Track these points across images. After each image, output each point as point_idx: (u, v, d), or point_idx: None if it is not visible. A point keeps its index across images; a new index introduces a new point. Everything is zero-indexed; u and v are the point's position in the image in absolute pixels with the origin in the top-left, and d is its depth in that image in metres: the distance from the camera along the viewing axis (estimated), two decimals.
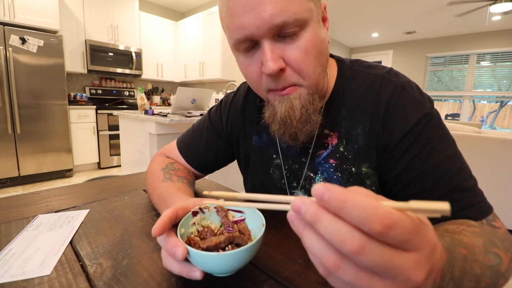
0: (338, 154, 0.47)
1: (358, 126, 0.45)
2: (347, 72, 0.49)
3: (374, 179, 0.45)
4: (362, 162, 0.45)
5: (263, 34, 0.37)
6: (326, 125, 0.48)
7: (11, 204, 0.56)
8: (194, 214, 0.37)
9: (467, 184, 0.40)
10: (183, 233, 0.34)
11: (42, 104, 2.83)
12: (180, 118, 1.72)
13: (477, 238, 0.31)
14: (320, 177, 0.49)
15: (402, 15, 4.37)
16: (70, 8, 3.24)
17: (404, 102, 0.43)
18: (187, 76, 4.29)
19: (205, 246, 0.31)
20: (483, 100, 5.40)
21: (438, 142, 0.41)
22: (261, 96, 0.46)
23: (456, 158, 0.41)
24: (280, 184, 0.55)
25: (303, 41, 0.38)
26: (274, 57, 0.37)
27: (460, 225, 0.34)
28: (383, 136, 0.43)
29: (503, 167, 1.93)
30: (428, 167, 0.40)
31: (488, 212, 0.39)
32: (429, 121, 0.41)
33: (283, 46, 0.38)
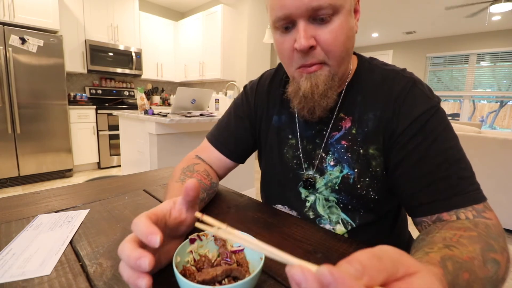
0: (350, 136, 0.51)
1: (370, 111, 0.50)
2: (366, 65, 0.54)
3: (379, 161, 0.49)
4: (370, 145, 0.49)
5: (300, 15, 0.42)
6: (342, 109, 0.52)
7: (11, 204, 0.56)
8: (191, 241, 0.36)
9: (465, 174, 0.42)
10: (179, 261, 0.33)
11: (42, 104, 2.83)
12: (180, 118, 1.72)
13: (474, 245, 0.31)
14: (331, 157, 0.53)
15: (402, 15, 4.37)
16: (70, 8, 3.24)
17: (414, 95, 0.47)
18: (187, 76, 4.29)
19: (201, 279, 0.30)
20: (483, 100, 5.40)
21: (442, 133, 0.44)
22: (289, 72, 0.51)
23: (457, 150, 0.44)
24: (291, 164, 0.58)
25: (334, 26, 0.43)
26: (306, 35, 0.42)
27: (457, 231, 0.34)
28: (392, 122, 0.47)
29: (503, 167, 1.93)
30: (429, 153, 0.43)
31: (481, 200, 0.41)
32: (435, 113, 0.45)
33: (316, 27, 0.43)
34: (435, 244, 0.31)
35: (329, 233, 0.48)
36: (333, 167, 0.53)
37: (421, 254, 0.28)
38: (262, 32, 3.74)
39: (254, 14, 3.68)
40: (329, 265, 0.17)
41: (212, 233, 0.33)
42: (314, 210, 0.56)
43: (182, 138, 1.92)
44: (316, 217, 0.56)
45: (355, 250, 0.43)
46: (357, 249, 0.42)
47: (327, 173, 0.53)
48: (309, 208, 0.56)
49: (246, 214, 0.56)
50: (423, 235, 0.37)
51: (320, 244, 0.44)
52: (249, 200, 0.64)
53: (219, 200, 0.63)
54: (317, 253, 0.41)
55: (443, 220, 0.41)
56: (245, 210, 0.58)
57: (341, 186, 0.52)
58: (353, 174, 0.51)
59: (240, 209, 0.58)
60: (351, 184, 0.51)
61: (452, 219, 0.41)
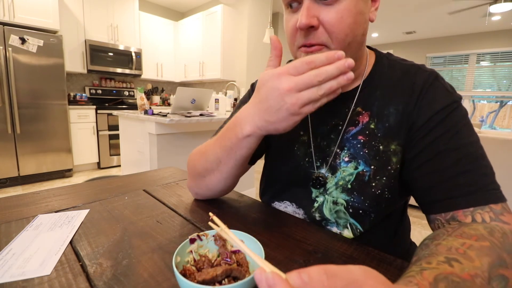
0: (368, 131, 0.49)
1: (391, 106, 0.48)
2: (385, 60, 0.52)
3: (400, 157, 0.47)
4: (392, 140, 0.47)
5: None
6: (359, 104, 0.50)
7: (11, 204, 0.56)
8: (191, 241, 0.36)
9: (486, 170, 0.41)
10: (179, 261, 0.33)
11: (42, 104, 2.83)
12: (180, 118, 1.72)
13: (483, 259, 0.28)
14: (346, 153, 0.50)
15: (402, 15, 4.37)
16: (70, 8, 3.24)
17: (436, 88, 0.46)
18: (187, 76, 4.29)
19: (201, 279, 0.30)
20: (483, 100, 5.40)
21: (463, 128, 0.43)
22: (292, 52, 0.49)
23: (478, 147, 0.42)
24: (303, 162, 0.55)
25: (341, 7, 0.41)
26: (308, 14, 0.41)
27: (468, 240, 0.31)
28: (413, 116, 0.46)
29: (503, 167, 1.93)
30: (449, 147, 0.42)
31: (501, 200, 0.39)
32: (457, 108, 0.44)
33: (322, 7, 0.42)
34: (436, 257, 0.29)
35: (329, 233, 0.48)
36: (347, 163, 0.50)
37: (416, 271, 0.26)
38: (262, 32, 3.74)
39: (254, 14, 3.68)
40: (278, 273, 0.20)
41: (216, 232, 0.36)
42: (320, 212, 0.53)
43: (182, 138, 1.92)
44: (322, 219, 0.53)
45: (355, 250, 0.43)
46: (357, 249, 0.42)
47: (339, 170, 0.51)
48: (316, 209, 0.53)
49: (246, 214, 0.56)
50: (429, 240, 0.35)
51: (320, 244, 0.44)
52: (249, 200, 0.64)
53: (219, 200, 0.63)
54: (317, 253, 0.41)
55: (457, 220, 0.39)
56: (245, 210, 0.58)
57: (354, 185, 0.49)
58: (369, 171, 0.48)
59: (240, 209, 0.58)
60: (365, 182, 0.48)
61: (467, 220, 0.38)
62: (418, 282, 0.24)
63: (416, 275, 0.25)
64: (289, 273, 0.19)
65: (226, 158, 0.47)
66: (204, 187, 0.56)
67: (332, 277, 0.19)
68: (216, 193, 0.58)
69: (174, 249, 0.33)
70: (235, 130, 0.44)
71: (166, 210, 0.56)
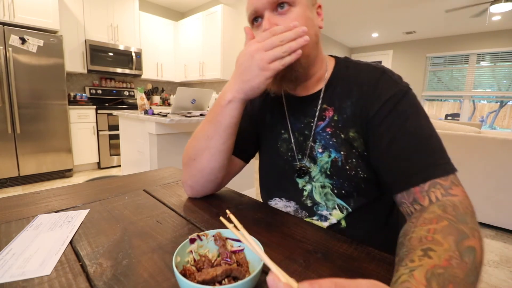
0: (333, 123, 0.57)
1: (348, 100, 0.56)
2: (342, 64, 0.61)
3: (359, 143, 0.54)
4: (350, 128, 0.55)
5: (264, 7, 0.52)
6: (324, 102, 0.59)
7: (11, 204, 0.56)
8: (191, 241, 0.36)
9: (434, 148, 0.47)
10: (179, 261, 0.33)
11: (42, 104, 2.83)
12: (180, 118, 1.72)
13: (448, 239, 0.32)
14: (319, 144, 0.58)
15: (402, 15, 4.37)
16: (70, 8, 3.24)
17: (383, 81, 0.53)
18: (187, 76, 4.29)
19: (201, 279, 0.30)
20: (483, 100, 5.40)
21: (412, 113, 0.49)
22: None
23: (427, 127, 0.48)
24: (286, 156, 0.63)
25: (292, 14, 0.52)
26: (269, 22, 0.52)
27: (430, 225, 0.36)
28: (366, 107, 0.53)
29: (503, 167, 1.93)
30: (401, 132, 0.48)
31: (451, 172, 0.44)
32: (404, 96, 0.50)
33: (278, 17, 0.52)
34: (414, 252, 0.32)
35: (329, 233, 0.48)
36: (322, 153, 0.58)
37: (406, 273, 0.28)
38: None
39: None
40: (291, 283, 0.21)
41: (216, 232, 0.37)
42: (311, 198, 0.60)
43: (182, 138, 1.92)
44: (313, 204, 0.59)
45: (355, 250, 0.43)
46: (357, 249, 0.42)
47: (318, 160, 0.58)
48: (307, 196, 0.60)
49: (246, 214, 0.56)
50: (402, 237, 0.38)
51: (320, 244, 0.44)
52: (249, 200, 0.64)
53: (219, 200, 0.63)
54: (317, 253, 0.41)
55: (418, 202, 0.44)
56: (245, 210, 0.58)
57: (332, 170, 0.56)
58: (340, 156, 0.55)
59: (240, 209, 0.58)
60: (340, 166, 0.55)
61: (425, 202, 0.43)
62: (416, 286, 0.26)
63: (410, 280, 0.27)
64: (302, 283, 0.20)
65: (213, 131, 0.55)
66: (196, 173, 0.58)
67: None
68: (208, 178, 0.59)
69: (174, 249, 0.33)
70: (218, 101, 0.53)
71: (166, 210, 0.56)
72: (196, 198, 0.63)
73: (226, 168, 0.61)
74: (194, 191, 0.62)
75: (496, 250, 1.77)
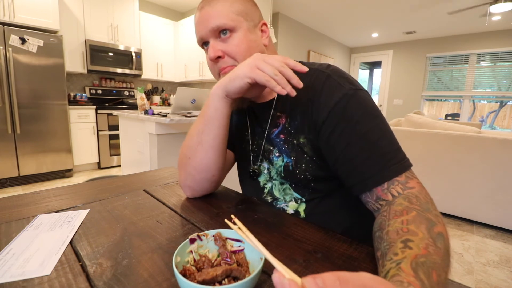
0: (285, 130, 0.60)
1: (298, 107, 0.58)
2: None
3: (309, 148, 0.57)
4: (300, 134, 0.57)
5: (207, 35, 0.58)
6: (277, 109, 0.62)
7: (11, 204, 0.56)
8: (191, 241, 0.36)
9: (386, 149, 0.48)
10: (179, 261, 0.33)
11: (42, 104, 2.83)
12: (180, 118, 1.72)
13: (421, 228, 0.35)
14: (276, 149, 0.62)
15: (402, 15, 4.37)
16: (70, 8, 3.24)
17: (328, 86, 0.53)
18: (187, 76, 4.29)
19: (201, 279, 0.30)
20: (483, 100, 5.40)
21: (361, 117, 0.50)
22: (215, 77, 0.63)
23: (378, 129, 0.49)
24: (249, 157, 0.68)
25: (234, 40, 0.57)
26: (213, 49, 0.57)
27: (402, 216, 0.38)
28: (313, 114, 0.54)
29: (503, 167, 1.93)
30: (353, 138, 0.49)
31: (403, 170, 0.46)
32: (350, 99, 0.51)
33: (222, 43, 0.58)
34: (395, 245, 0.33)
35: (329, 233, 0.48)
36: (278, 157, 0.62)
37: (394, 268, 0.29)
38: None
39: None
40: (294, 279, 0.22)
41: (216, 232, 0.37)
42: (271, 194, 0.64)
43: (182, 138, 1.92)
44: (273, 200, 0.64)
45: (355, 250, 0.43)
46: (357, 249, 0.42)
47: (274, 162, 0.63)
48: (267, 193, 0.65)
49: (246, 214, 0.56)
50: (379, 231, 0.40)
51: (320, 244, 0.44)
52: (249, 200, 0.64)
53: (219, 200, 0.63)
54: (317, 253, 0.41)
55: (382, 198, 0.47)
56: (245, 210, 0.58)
57: (285, 173, 0.61)
58: (291, 161, 0.59)
59: (240, 209, 0.58)
60: (290, 170, 0.59)
61: (388, 197, 0.46)
62: (409, 281, 0.27)
63: (399, 273, 0.28)
64: (305, 278, 0.21)
65: (203, 124, 0.57)
66: (192, 170, 0.59)
67: (345, 282, 0.20)
68: (205, 176, 0.60)
69: (174, 249, 0.33)
70: (209, 99, 0.56)
71: (166, 210, 0.56)
72: (196, 198, 0.63)
73: (221, 167, 0.62)
74: (193, 191, 0.62)
75: (496, 250, 1.77)
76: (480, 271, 1.55)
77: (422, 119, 2.38)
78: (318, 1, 3.94)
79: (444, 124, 2.26)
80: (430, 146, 2.22)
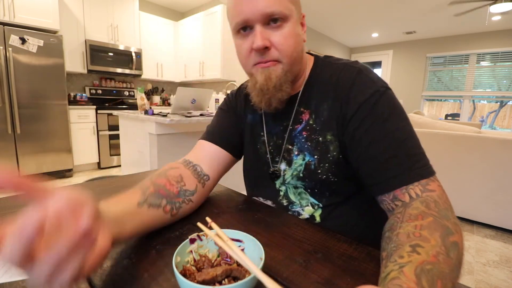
0: (308, 126, 0.57)
1: (325, 102, 0.55)
2: (320, 63, 0.60)
3: (335, 145, 0.54)
4: (327, 132, 0.55)
5: (256, 20, 0.49)
6: (301, 104, 0.59)
7: (11, 204, 0.56)
8: (191, 241, 0.36)
9: (411, 151, 0.46)
10: (179, 261, 0.33)
11: (42, 104, 2.83)
12: (180, 118, 1.72)
13: (435, 235, 0.33)
14: (296, 147, 0.59)
15: (402, 15, 4.37)
16: (70, 8, 3.24)
17: (359, 81, 0.52)
18: (187, 76, 4.29)
19: (201, 279, 0.30)
20: (483, 100, 5.40)
21: (390, 115, 0.48)
22: (247, 70, 0.57)
23: (404, 130, 0.48)
24: (264, 158, 0.64)
25: (285, 30, 0.51)
26: (262, 37, 0.50)
27: (416, 221, 0.36)
28: (342, 109, 0.52)
29: (503, 167, 1.93)
30: (379, 135, 0.48)
31: (428, 175, 0.44)
32: (381, 97, 0.49)
33: (270, 32, 0.51)
34: (403, 248, 0.32)
35: (329, 233, 0.48)
36: (297, 156, 0.59)
37: (396, 270, 0.29)
38: None
39: None
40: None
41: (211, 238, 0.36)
42: (287, 198, 0.62)
43: (182, 138, 1.92)
44: (289, 203, 0.62)
45: (355, 250, 0.43)
46: (356, 249, 0.42)
47: (293, 162, 0.59)
48: (283, 196, 0.62)
49: (246, 214, 0.56)
50: (389, 232, 0.39)
51: (320, 244, 0.44)
52: (249, 200, 0.64)
53: (219, 200, 0.63)
54: (317, 253, 0.41)
55: (399, 199, 0.45)
56: (245, 210, 0.58)
57: (305, 173, 0.57)
58: (313, 160, 0.56)
59: (240, 209, 0.58)
60: (312, 169, 0.56)
61: (405, 198, 0.44)
62: (409, 287, 0.26)
63: (400, 276, 0.27)
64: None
65: None
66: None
67: None
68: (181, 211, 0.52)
69: (174, 249, 0.33)
70: None
71: None
72: None
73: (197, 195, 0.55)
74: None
75: (496, 250, 1.77)
76: (480, 271, 1.55)
77: (422, 119, 2.38)
78: (318, 1, 3.94)
79: (444, 124, 2.26)
80: (430, 146, 2.22)
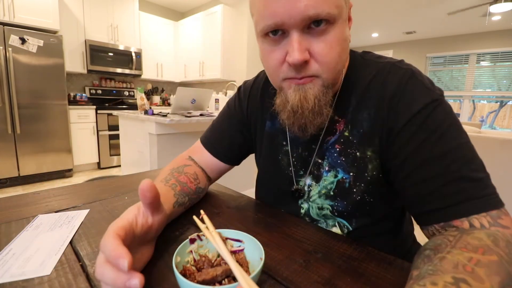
0: (342, 139, 0.48)
1: (364, 111, 0.46)
2: (358, 61, 0.50)
3: (376, 164, 0.46)
4: (367, 147, 0.46)
5: (294, 24, 0.38)
6: (336, 112, 0.49)
7: (11, 204, 0.56)
8: (191, 241, 0.36)
9: (477, 175, 0.37)
10: (179, 261, 0.33)
11: (42, 104, 2.83)
12: (180, 118, 1.72)
13: (493, 279, 0.26)
14: (326, 162, 0.50)
15: (402, 15, 4.37)
16: (70, 8, 3.24)
17: (411, 88, 0.42)
18: (187, 76, 4.29)
19: (201, 279, 0.30)
20: (483, 100, 5.40)
21: (449, 128, 0.39)
22: (274, 83, 0.47)
23: (467, 148, 0.39)
24: (287, 171, 0.56)
25: (330, 37, 0.39)
26: (301, 48, 0.38)
27: (474, 254, 0.29)
28: (388, 120, 0.43)
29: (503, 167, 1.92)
30: (436, 153, 0.38)
31: (497, 206, 0.36)
32: (437, 107, 0.40)
33: (311, 39, 0.39)
34: (442, 276, 0.26)
35: (329, 233, 0.48)
36: (327, 172, 0.50)
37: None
38: None
39: None
40: None
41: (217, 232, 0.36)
42: (308, 216, 0.55)
43: (182, 138, 1.92)
44: (312, 221, 0.55)
45: (355, 250, 0.43)
46: (356, 249, 0.42)
47: (322, 179, 0.51)
48: (305, 214, 0.55)
49: (246, 214, 0.56)
50: (431, 251, 0.32)
51: (320, 244, 0.44)
52: (249, 200, 0.64)
53: (219, 200, 0.63)
54: (317, 253, 0.41)
55: (453, 226, 0.37)
56: (245, 210, 0.58)
57: (336, 192, 0.49)
58: (348, 178, 0.48)
59: (240, 209, 0.58)
60: (346, 188, 0.48)
61: (464, 226, 0.35)
62: None
63: None
64: None
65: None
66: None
67: None
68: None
69: (174, 249, 0.33)
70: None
71: None
72: None
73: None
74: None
75: None
76: None
77: None
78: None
79: None
80: None
